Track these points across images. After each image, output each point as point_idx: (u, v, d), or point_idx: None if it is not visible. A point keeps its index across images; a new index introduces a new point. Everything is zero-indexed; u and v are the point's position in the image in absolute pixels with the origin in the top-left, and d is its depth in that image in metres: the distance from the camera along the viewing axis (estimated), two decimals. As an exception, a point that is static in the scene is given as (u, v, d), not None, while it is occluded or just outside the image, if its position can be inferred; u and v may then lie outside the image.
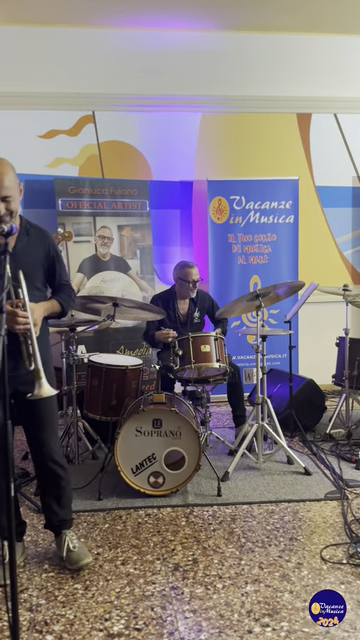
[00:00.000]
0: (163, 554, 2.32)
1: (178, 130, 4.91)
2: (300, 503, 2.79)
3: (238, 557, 2.28)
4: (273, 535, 2.46)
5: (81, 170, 4.80)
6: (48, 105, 4.71)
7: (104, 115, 4.82)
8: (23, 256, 2.09)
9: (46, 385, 1.89)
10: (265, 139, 5.03)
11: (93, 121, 4.81)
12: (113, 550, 2.35)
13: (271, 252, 4.89)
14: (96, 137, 4.82)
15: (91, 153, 4.83)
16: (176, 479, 2.86)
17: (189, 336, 3.15)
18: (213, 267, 4.83)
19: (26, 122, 4.70)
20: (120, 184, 4.63)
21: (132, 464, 2.85)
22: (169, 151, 4.90)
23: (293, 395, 3.84)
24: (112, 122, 4.83)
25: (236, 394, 3.68)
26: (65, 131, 4.78)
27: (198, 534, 2.48)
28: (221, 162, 4.99)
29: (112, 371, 3.31)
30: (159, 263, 4.90)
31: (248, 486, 2.99)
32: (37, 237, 2.16)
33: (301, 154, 5.12)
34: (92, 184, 4.57)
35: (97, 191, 4.57)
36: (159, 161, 4.91)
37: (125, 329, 4.63)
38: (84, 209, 4.55)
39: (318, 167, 5.14)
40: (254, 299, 3.23)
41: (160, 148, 4.90)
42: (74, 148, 4.80)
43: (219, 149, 4.99)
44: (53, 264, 2.20)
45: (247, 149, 5.01)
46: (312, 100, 5.05)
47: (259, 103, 4.98)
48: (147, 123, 4.87)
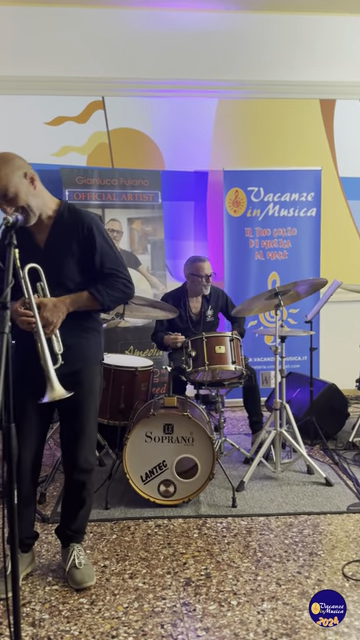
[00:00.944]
0: (174, 568, 2.31)
1: (193, 117, 4.90)
2: (321, 516, 2.77)
3: (254, 572, 2.26)
4: (292, 549, 2.44)
5: (89, 159, 4.81)
6: (55, 90, 4.72)
7: (114, 101, 4.83)
8: (55, 250, 2.06)
9: (57, 387, 1.89)
10: (286, 127, 5.00)
11: (103, 107, 4.82)
12: (121, 563, 2.35)
13: (291, 247, 4.86)
14: (106, 124, 4.83)
15: (100, 141, 4.83)
16: (188, 488, 2.85)
17: (203, 336, 3.14)
18: (229, 263, 4.82)
19: (32, 108, 4.72)
20: (131, 174, 4.63)
21: (141, 471, 2.84)
22: (183, 139, 4.90)
23: (314, 400, 3.81)
24: (123, 108, 4.83)
25: (253, 398, 3.66)
26: (73, 118, 4.79)
27: (211, 547, 2.47)
28: (238, 151, 4.97)
29: (121, 373, 3.32)
30: (171, 259, 4.89)
31: (265, 497, 2.98)
32: (72, 222, 2.06)
33: (324, 143, 5.08)
34: (101, 174, 4.58)
35: (106, 182, 4.58)
36: (172, 150, 4.91)
37: (134, 328, 4.63)
38: (92, 201, 4.56)
39: (342, 157, 5.10)
40: (273, 297, 3.21)
41: (173, 136, 4.89)
42: (82, 136, 4.81)
43: (236, 137, 4.97)
44: (89, 249, 2.05)
45: (266, 137, 4.99)
46: (336, 85, 5.01)
47: (279, 88, 4.96)
48: (160, 109, 4.86)
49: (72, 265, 2.08)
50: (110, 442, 3.44)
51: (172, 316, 3.41)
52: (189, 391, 3.58)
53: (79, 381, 2.12)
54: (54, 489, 3.10)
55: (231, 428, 4.31)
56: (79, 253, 2.08)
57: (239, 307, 3.33)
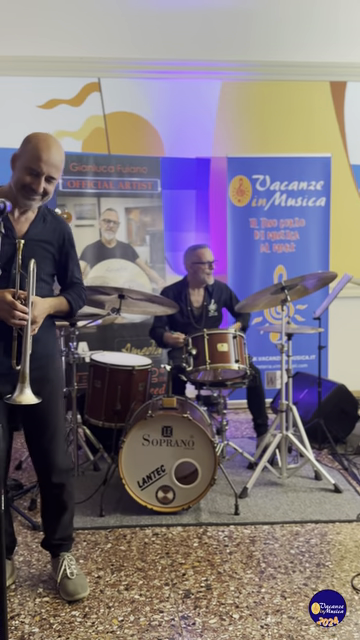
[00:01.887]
0: (172, 579, 2.31)
1: (195, 100, 4.89)
2: (329, 524, 2.77)
3: (258, 584, 2.26)
4: (298, 560, 2.44)
5: (85, 145, 4.80)
6: (48, 71, 4.70)
7: (111, 83, 4.81)
8: (34, 244, 2.09)
9: (28, 392, 1.90)
10: (293, 111, 4.98)
11: (99, 89, 4.81)
12: (116, 573, 2.35)
13: (299, 239, 4.84)
14: (102, 108, 4.81)
15: (96, 126, 4.82)
16: (188, 495, 2.85)
17: (204, 333, 3.14)
18: (232, 256, 4.81)
19: (23, 90, 4.70)
20: (128, 161, 4.62)
21: (138, 477, 2.84)
22: (184, 124, 4.88)
23: (322, 402, 3.81)
24: (120, 91, 4.81)
25: (257, 400, 3.66)
26: (67, 101, 4.78)
27: (212, 557, 2.47)
28: (243, 137, 4.96)
29: (117, 372, 3.31)
30: (171, 251, 4.88)
31: (270, 504, 2.98)
32: (53, 226, 2.16)
33: (334, 128, 5.06)
34: (97, 160, 4.56)
35: (102, 168, 4.56)
36: (173, 135, 4.89)
37: (132, 325, 4.62)
38: (87, 189, 4.54)
39: (354, 143, 5.08)
40: (279, 292, 3.20)
41: (174, 120, 4.88)
42: (77, 120, 4.79)
43: (241, 122, 4.96)
44: (66, 259, 2.20)
45: (273, 122, 4.97)
46: (348, 66, 4.98)
47: (287, 70, 4.94)
48: (160, 92, 4.84)
49: (47, 267, 2.15)
50: (105, 445, 3.43)
51: (172, 311, 3.40)
52: (189, 392, 3.58)
53: (46, 377, 2.14)
54: (46, 495, 3.08)
55: (234, 431, 4.30)
56: (57, 259, 2.18)
57: (243, 302, 3.32)
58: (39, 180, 1.98)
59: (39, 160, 1.96)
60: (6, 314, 1.93)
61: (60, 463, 2.18)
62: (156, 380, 4.64)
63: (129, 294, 3.18)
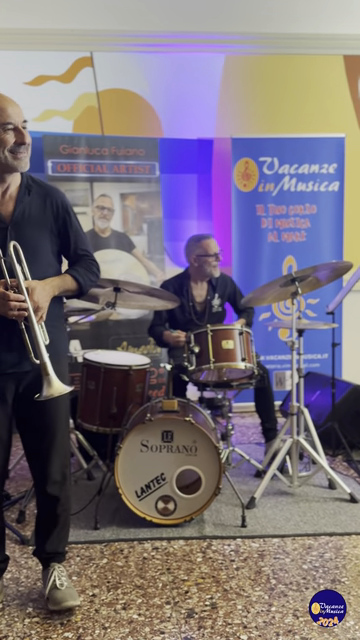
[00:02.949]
0: (174, 597, 2.29)
1: (196, 76, 4.87)
2: (344, 537, 2.75)
3: (267, 602, 2.24)
4: (311, 576, 2.42)
5: (76, 125, 4.79)
6: (35, 45, 4.69)
7: (105, 57, 4.79)
8: (25, 223, 2.06)
9: (56, 382, 1.90)
10: (304, 87, 4.97)
11: (91, 65, 4.79)
12: (112, 591, 2.34)
13: (310, 227, 4.83)
14: (95, 84, 4.80)
15: (88, 104, 4.81)
16: (190, 505, 2.84)
17: (207, 329, 3.12)
18: (237, 246, 4.79)
19: (9, 65, 4.68)
20: (124, 142, 4.61)
21: (136, 486, 2.83)
22: (184, 102, 4.87)
23: (336, 404, 3.79)
24: (114, 66, 4.80)
25: (265, 402, 3.65)
26: (57, 77, 4.77)
27: (217, 573, 2.46)
28: (249, 116, 4.95)
29: (112, 372, 3.30)
30: (171, 240, 4.87)
31: (280, 515, 2.97)
32: (40, 195, 2.12)
33: (349, 106, 5.05)
34: (89, 142, 4.55)
35: (95, 151, 4.55)
36: (172, 114, 4.88)
37: (128, 321, 4.62)
38: (79, 173, 4.53)
39: (369, 122, 5.08)
40: (289, 284, 3.18)
41: (173, 98, 4.87)
42: (68, 98, 4.78)
43: (246, 100, 4.94)
44: (65, 228, 2.15)
45: (281, 100, 4.96)
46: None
47: (297, 42, 4.92)
48: (157, 67, 4.83)
49: (47, 244, 2.11)
50: (100, 452, 3.43)
51: (172, 306, 3.38)
52: (192, 393, 3.56)
53: None
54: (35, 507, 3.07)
55: (240, 436, 4.29)
56: (55, 231, 2.13)
57: (249, 295, 3.31)
58: (21, 131, 1.99)
59: (7, 113, 1.97)
60: (3, 308, 1.91)
61: (55, 474, 2.17)
62: (155, 381, 4.63)
63: (125, 287, 3.16)
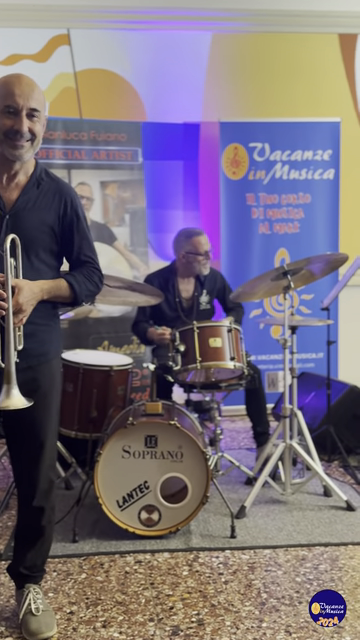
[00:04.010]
0: (158, 613, 2.29)
1: (181, 56, 4.86)
2: (340, 547, 2.76)
3: (258, 618, 2.25)
4: (304, 589, 2.43)
5: (52, 107, 4.75)
6: (8, 21, 4.66)
7: (83, 35, 4.77)
8: (25, 215, 2.04)
9: (15, 394, 1.87)
10: (296, 68, 4.97)
11: (68, 43, 4.77)
12: (92, 608, 2.33)
13: (304, 218, 4.84)
14: (72, 64, 4.78)
15: (65, 85, 4.79)
16: (176, 515, 2.83)
17: (194, 326, 3.12)
18: (227, 238, 4.79)
19: (-21, 44, 4.66)
20: (104, 127, 4.59)
21: (118, 495, 2.82)
22: (169, 83, 4.86)
23: (331, 406, 3.80)
24: (93, 44, 4.78)
25: (257, 404, 3.66)
26: (31, 56, 4.74)
27: (205, 587, 2.45)
28: (238, 98, 4.95)
29: (92, 373, 3.29)
30: (155, 232, 4.86)
31: (271, 525, 2.97)
32: (51, 191, 2.10)
33: (344, 88, 5.06)
34: (66, 126, 4.53)
35: (73, 135, 4.53)
36: (156, 97, 4.87)
37: (109, 319, 4.60)
38: (55, 159, 4.50)
39: (366, 106, 5.10)
40: (281, 277, 3.19)
41: (157, 79, 4.86)
42: (43, 78, 4.73)
43: (235, 81, 4.94)
44: (70, 230, 2.12)
45: (272, 81, 4.96)
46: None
47: (289, 20, 4.93)
48: (140, 46, 4.82)
49: (46, 242, 2.09)
50: (79, 459, 3.41)
51: (156, 302, 3.38)
52: (178, 396, 3.56)
53: (37, 381, 2.09)
54: (9, 518, 3.06)
55: (230, 441, 4.29)
56: (58, 231, 2.11)
57: (239, 290, 3.31)
58: (20, 117, 1.97)
59: (13, 95, 1.96)
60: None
61: (42, 483, 2.16)
62: (138, 383, 4.62)
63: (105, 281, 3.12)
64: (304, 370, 4.52)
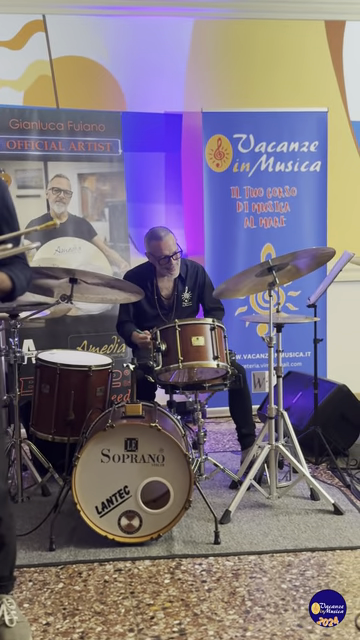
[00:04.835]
0: (138, 623, 2.28)
1: (162, 43, 4.86)
2: (328, 552, 2.76)
3: (242, 627, 2.25)
4: (290, 596, 2.43)
5: (27, 96, 4.75)
6: (-20, 6, 4.62)
7: (59, 21, 4.76)
8: None
9: None
10: (281, 56, 4.99)
11: (43, 29, 4.75)
12: (69, 619, 2.32)
13: (290, 212, 4.86)
14: (48, 51, 4.76)
15: (41, 73, 4.77)
16: (157, 521, 2.83)
17: (175, 324, 3.11)
18: (210, 233, 4.80)
19: None
20: (81, 116, 4.57)
21: (96, 501, 2.81)
22: (149, 72, 4.86)
23: (319, 406, 3.82)
24: (70, 30, 4.77)
25: (242, 405, 3.66)
26: (4, 43, 4.72)
27: (187, 596, 2.45)
28: (221, 87, 4.95)
29: (70, 373, 3.29)
30: (136, 227, 4.85)
31: (257, 530, 2.97)
32: None
33: (331, 77, 5.09)
34: (42, 116, 4.50)
35: (50, 126, 4.51)
36: (136, 85, 4.87)
37: (89, 318, 4.59)
38: (31, 150, 4.48)
39: (354, 95, 5.12)
40: (266, 273, 3.19)
41: (137, 68, 4.85)
42: (17, 66, 4.73)
43: (218, 70, 4.95)
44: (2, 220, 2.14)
45: (257, 70, 4.97)
46: (346, 2, 5.01)
47: (273, 6, 4.94)
48: (118, 33, 4.81)
49: None
50: (56, 464, 3.40)
51: (136, 299, 3.38)
52: (162, 397, 3.55)
53: None
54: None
55: (214, 444, 4.29)
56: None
57: (222, 287, 3.31)
58: None
59: None
60: None
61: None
62: (119, 385, 4.61)
63: (83, 277, 3.14)
64: (291, 369, 4.53)
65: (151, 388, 3.45)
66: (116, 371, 4.35)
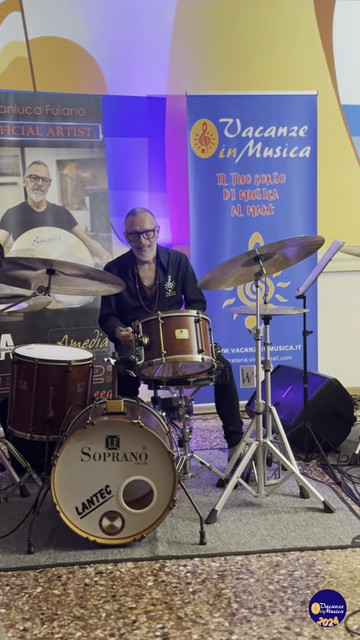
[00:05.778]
0: (119, 628, 2.28)
1: (144, 22, 4.85)
2: (317, 552, 2.77)
3: (228, 630, 2.25)
4: (278, 598, 2.43)
5: (2, 79, 4.72)
6: None
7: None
8: None
9: None
10: (269, 36, 4.98)
11: (19, 8, 4.73)
12: (47, 624, 2.31)
13: (279, 199, 4.86)
14: (24, 32, 4.74)
15: (17, 55, 4.75)
16: (140, 522, 2.83)
17: (158, 316, 3.10)
18: (196, 221, 4.79)
19: None
20: (60, 100, 4.56)
21: (77, 501, 2.81)
22: (131, 53, 4.85)
23: (309, 401, 3.83)
24: (47, 10, 4.75)
25: (228, 401, 3.66)
26: (-22, 23, 4.67)
27: (171, 598, 2.45)
28: (206, 69, 4.95)
29: (48, 369, 3.27)
30: (118, 216, 4.81)
31: (244, 530, 2.98)
32: None
33: (320, 59, 5.09)
34: (19, 100, 4.49)
35: (27, 110, 4.50)
36: (117, 67, 4.86)
37: (69, 311, 4.59)
38: (7, 136, 4.47)
39: (344, 78, 5.13)
40: (252, 263, 3.19)
41: (118, 48, 4.84)
42: (-8, 48, 4.70)
43: (203, 50, 4.94)
44: None
45: (243, 51, 4.97)
46: (336, -19, 5.02)
47: (260, -17, 4.92)
48: (98, 11, 4.79)
49: None
50: (35, 464, 3.39)
51: (117, 290, 3.36)
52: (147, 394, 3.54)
53: None
54: None
55: (201, 441, 4.29)
56: None
57: (207, 276, 3.30)
58: None
59: None
60: None
61: None
62: (102, 380, 4.61)
63: (60, 268, 3.11)
64: (280, 363, 4.54)
65: (134, 384, 3.45)
66: (98, 366, 4.36)
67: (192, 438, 3.47)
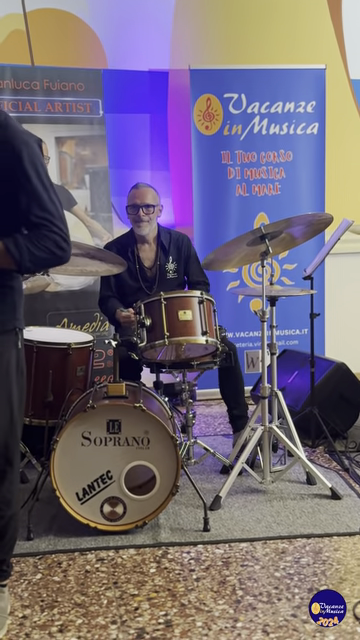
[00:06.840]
0: (121, 615, 2.29)
1: (146, -6, 4.81)
2: (324, 539, 2.78)
3: (232, 617, 2.26)
4: (284, 585, 2.44)
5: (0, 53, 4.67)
6: None
7: (33, -31, 4.69)
8: None
9: None
10: (276, 8, 4.96)
11: (16, -22, 4.67)
12: (47, 611, 2.32)
13: (285, 178, 4.84)
14: (22, 3, 4.70)
15: (14, 28, 4.72)
16: (143, 508, 2.84)
17: (161, 297, 3.10)
18: (200, 201, 4.77)
19: None
20: (59, 75, 4.53)
21: (77, 487, 2.82)
22: (132, 26, 4.82)
23: (316, 386, 3.83)
24: (45, -20, 4.70)
25: (233, 384, 3.67)
26: (-27, -6, 4.65)
27: (174, 585, 2.46)
28: (210, 42, 4.92)
29: (48, 352, 3.27)
30: (119, 195, 4.80)
31: (249, 516, 2.99)
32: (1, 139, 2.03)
33: (329, 31, 5.06)
34: (16, 74, 4.46)
35: (24, 85, 4.47)
36: (118, 40, 4.84)
37: (69, 293, 4.58)
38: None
39: (354, 51, 5.10)
40: (258, 242, 3.18)
41: (119, 21, 4.81)
42: (-12, 20, 4.67)
43: (207, 23, 4.91)
44: (18, 184, 2.02)
45: (249, 23, 4.94)
46: None
47: None
48: (98, -18, 4.76)
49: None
50: (34, 449, 3.40)
51: (118, 270, 3.36)
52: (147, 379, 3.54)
53: None
54: None
55: (205, 428, 4.30)
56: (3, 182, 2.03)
57: (210, 256, 3.30)
58: None
59: None
60: None
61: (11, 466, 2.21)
62: (102, 365, 4.61)
63: (60, 248, 3.10)
64: (287, 347, 4.54)
65: (136, 367, 3.45)
66: (99, 351, 4.37)
67: (195, 424, 3.48)
